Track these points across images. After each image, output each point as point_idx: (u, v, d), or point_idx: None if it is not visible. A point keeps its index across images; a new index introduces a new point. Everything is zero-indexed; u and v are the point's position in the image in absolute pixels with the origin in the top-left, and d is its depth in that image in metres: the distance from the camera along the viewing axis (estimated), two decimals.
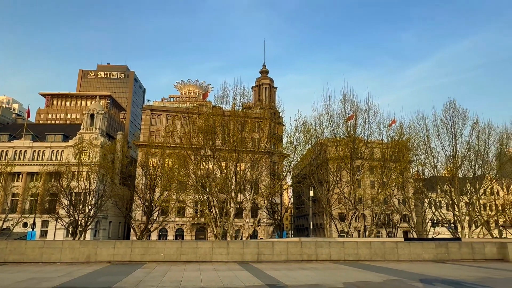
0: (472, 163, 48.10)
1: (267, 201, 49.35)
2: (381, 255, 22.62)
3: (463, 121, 47.91)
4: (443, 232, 53.44)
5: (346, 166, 46.38)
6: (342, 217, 52.29)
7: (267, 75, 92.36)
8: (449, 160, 48.23)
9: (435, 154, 48.45)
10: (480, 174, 49.20)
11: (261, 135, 47.46)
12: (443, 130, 48.40)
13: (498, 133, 49.47)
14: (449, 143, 47.89)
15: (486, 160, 48.49)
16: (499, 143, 49.33)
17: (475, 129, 48.03)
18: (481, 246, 24.02)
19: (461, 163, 47.87)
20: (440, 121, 48.83)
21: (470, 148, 47.71)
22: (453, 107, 48.66)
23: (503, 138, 49.39)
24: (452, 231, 49.93)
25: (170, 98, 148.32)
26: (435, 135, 48.69)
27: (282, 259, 21.55)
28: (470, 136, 47.94)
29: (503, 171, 54.13)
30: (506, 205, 56.25)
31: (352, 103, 46.80)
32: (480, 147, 47.70)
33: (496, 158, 50.76)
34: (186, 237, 65.74)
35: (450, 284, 12.71)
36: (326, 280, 13.35)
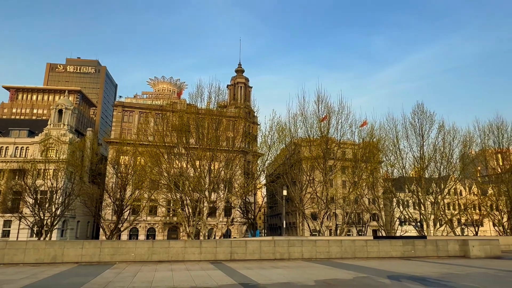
0: (437, 164, 50.27)
1: (240, 200, 49.43)
2: (351, 253, 23.18)
3: (430, 124, 50.01)
4: (410, 230, 55.48)
5: (319, 166, 47.21)
6: (314, 216, 53.19)
7: (242, 74, 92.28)
8: (416, 161, 50.14)
9: (403, 155, 50.30)
10: (444, 174, 51.47)
11: (236, 134, 47.46)
12: (412, 132, 50.33)
13: (462, 135, 52.05)
14: (417, 145, 49.86)
15: (451, 161, 50.81)
16: (463, 145, 51.84)
17: (441, 131, 50.25)
18: (444, 243, 25.10)
19: (427, 164, 49.90)
20: (409, 123, 50.75)
21: (436, 149, 49.85)
22: (421, 110, 50.68)
23: (466, 141, 51.94)
24: (418, 230, 51.96)
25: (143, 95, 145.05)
26: (404, 136, 50.54)
27: (255, 258, 21.64)
28: (436, 138, 50.13)
29: (466, 172, 56.90)
30: (468, 204, 59.13)
31: (326, 104, 47.74)
32: (445, 149, 49.94)
33: (460, 159, 53.27)
34: (158, 237, 64.64)
35: (415, 280, 13.22)
36: (298, 278, 13.54)
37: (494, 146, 55.25)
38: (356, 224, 61.11)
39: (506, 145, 54.59)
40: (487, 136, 54.49)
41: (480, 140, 54.80)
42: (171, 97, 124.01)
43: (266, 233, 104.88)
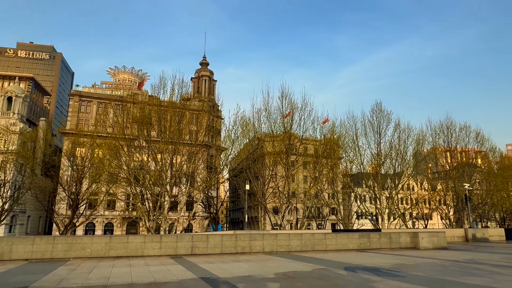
0: (393, 161, 52.83)
1: (203, 195, 49.07)
2: (311, 246, 23.82)
3: (387, 122, 52.37)
4: (366, 223, 57.96)
5: (282, 161, 47.94)
6: (276, 210, 54.01)
7: (207, 67, 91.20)
8: (374, 158, 52.37)
9: (362, 151, 52.34)
10: (399, 171, 54.23)
11: (199, 128, 46.89)
12: (370, 129, 52.44)
13: (416, 134, 55.10)
14: (375, 142, 52.06)
15: (405, 158, 53.62)
16: (416, 143, 54.86)
17: (397, 130, 52.83)
18: (397, 236, 26.50)
19: (384, 160, 52.30)
20: (368, 121, 52.82)
21: (392, 147, 52.34)
22: (379, 109, 52.90)
23: (419, 139, 55.04)
24: (374, 223, 54.42)
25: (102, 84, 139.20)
26: (363, 134, 52.57)
27: (217, 252, 21.62)
28: (393, 136, 52.65)
29: (418, 169, 60.30)
30: (419, 199, 62.76)
31: (289, 100, 48.47)
32: (400, 147, 52.59)
33: (413, 157, 56.34)
34: (116, 232, 62.66)
35: (370, 270, 13.86)
36: (259, 271, 13.72)
37: (444, 144, 59.06)
38: (316, 218, 62.88)
39: (455, 144, 58.55)
40: (438, 135, 58.21)
41: (431, 139, 58.44)
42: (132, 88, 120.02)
43: (228, 227, 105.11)
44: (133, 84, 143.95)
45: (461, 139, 58.25)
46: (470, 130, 58.63)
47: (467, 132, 58.38)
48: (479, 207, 59.28)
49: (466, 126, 58.82)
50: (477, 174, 61.57)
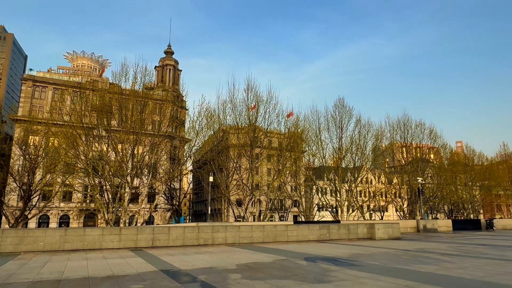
0: (353, 155, 54.74)
1: (165, 186, 48.16)
2: (272, 238, 24.22)
3: (348, 118, 54.06)
4: (326, 215, 59.79)
5: (246, 154, 48.08)
6: (239, 203, 54.24)
7: (172, 56, 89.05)
8: (335, 152, 53.94)
9: (324, 145, 53.73)
10: (359, 165, 56.31)
11: (163, 118, 45.77)
12: (332, 124, 53.90)
13: (375, 130, 57.35)
14: (337, 137, 53.60)
15: (364, 153, 55.71)
16: (375, 139, 57.16)
17: (358, 125, 54.69)
18: (355, 227, 27.60)
19: (345, 154, 54.02)
20: (330, 116, 54.22)
21: (352, 142, 54.15)
22: (341, 104, 54.43)
23: (378, 135, 57.39)
24: (333, 215, 56.27)
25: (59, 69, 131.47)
26: (326, 128, 53.93)
27: (178, 244, 21.40)
28: (354, 131, 54.46)
29: (376, 163, 62.98)
30: (377, 192, 65.63)
31: (255, 93, 48.53)
32: (360, 142, 54.54)
33: (372, 151, 58.71)
34: (73, 224, 60.12)
35: (328, 260, 14.35)
36: (221, 263, 13.76)
37: (401, 140, 62.04)
38: (279, 210, 63.92)
39: (410, 140, 61.71)
40: (395, 131, 61.02)
41: (389, 134, 61.17)
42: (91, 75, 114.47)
43: (191, 219, 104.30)
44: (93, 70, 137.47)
45: (416, 135, 61.54)
46: (424, 127, 62.05)
47: (422, 129, 61.74)
48: (430, 200, 63.08)
49: (421, 123, 62.17)
50: (429, 169, 65.38)
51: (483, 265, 13.05)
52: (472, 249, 19.38)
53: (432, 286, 9.04)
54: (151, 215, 64.42)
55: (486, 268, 12.26)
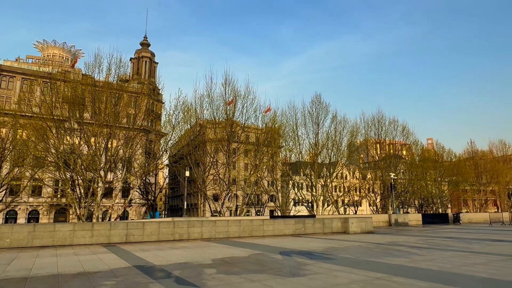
0: (329, 151, 55.65)
1: (140, 181, 47.29)
2: (249, 232, 24.32)
3: (325, 114, 54.83)
4: (302, 210, 60.63)
5: (223, 148, 47.90)
6: (216, 197, 54.08)
7: (148, 48, 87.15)
8: (311, 147, 54.67)
9: (301, 141, 54.34)
10: (334, 160, 57.32)
11: (138, 111, 44.82)
12: (309, 120, 54.52)
13: (351, 126, 58.48)
14: (313, 132, 54.29)
15: (340, 148, 56.77)
16: (350, 135, 58.30)
17: (334, 121, 55.59)
18: (330, 221, 28.12)
19: (321, 150, 54.82)
20: (307, 112, 54.82)
21: (328, 137, 55.03)
22: (318, 101, 55.11)
23: (353, 131, 58.57)
24: (309, 209, 57.09)
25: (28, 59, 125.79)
26: (303, 124, 54.50)
27: (153, 239, 21.11)
28: (330, 127, 55.32)
29: (351, 159, 64.29)
30: (351, 187, 67.11)
31: (233, 87, 48.34)
32: (336, 138, 55.49)
33: (347, 147, 59.88)
34: (43, 220, 58.11)
35: (304, 254, 14.56)
36: (196, 258, 13.68)
37: (375, 137, 63.59)
38: (256, 205, 64.25)
39: (384, 136, 63.36)
40: (370, 128, 62.47)
41: (364, 131, 62.54)
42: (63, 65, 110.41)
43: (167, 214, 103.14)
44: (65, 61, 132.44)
45: (390, 132, 63.26)
46: (397, 124, 63.86)
47: (395, 126, 63.50)
48: (402, 195, 65.14)
49: (394, 120, 63.92)
50: (401, 164, 67.43)
51: (450, 257, 13.61)
52: (440, 242, 20.18)
53: (401, 278, 9.34)
54: (126, 210, 63.18)
55: (453, 260, 12.79)
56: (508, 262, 12.24)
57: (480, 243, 19.47)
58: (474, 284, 8.62)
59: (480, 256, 14.00)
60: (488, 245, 18.14)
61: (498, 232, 27.98)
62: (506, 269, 10.84)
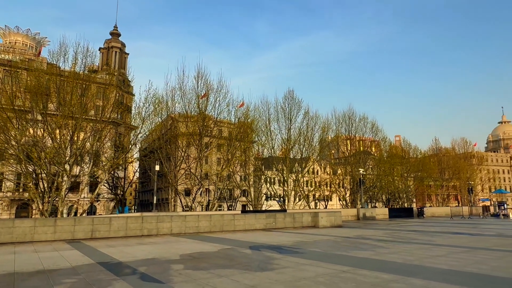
0: (301, 146, 56.30)
1: (108, 175, 45.88)
2: (219, 227, 24.17)
3: (297, 110, 55.32)
4: (274, 205, 61.12)
5: (195, 143, 47.29)
6: (187, 192, 53.45)
7: (118, 38, 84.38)
8: (284, 143, 55.06)
9: (273, 136, 54.60)
10: (306, 156, 58.08)
11: (106, 103, 43.30)
12: (282, 115, 54.84)
13: (322, 122, 59.38)
14: (286, 128, 54.67)
15: (312, 144, 57.55)
16: (322, 131, 59.24)
17: (306, 117, 56.21)
18: (300, 215, 28.46)
19: (293, 145, 55.35)
20: (280, 107, 55.10)
21: (301, 133, 55.60)
22: (291, 96, 55.50)
23: (325, 127, 59.51)
24: (280, 204, 57.63)
25: None
26: (275, 119, 54.75)
27: (121, 235, 20.54)
28: (302, 123, 55.90)
29: (322, 154, 65.38)
30: (322, 182, 68.36)
31: (205, 81, 47.72)
32: (308, 133, 56.18)
33: (319, 143, 60.82)
34: (3, 216, 55.21)
35: (273, 248, 14.61)
36: (164, 254, 13.40)
37: (345, 133, 64.93)
38: (228, 199, 64.09)
39: (354, 133, 64.79)
40: (341, 124, 63.69)
41: (335, 127, 63.67)
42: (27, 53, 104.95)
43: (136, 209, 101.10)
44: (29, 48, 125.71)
45: (360, 129, 64.79)
46: (367, 121, 65.51)
47: (365, 123, 65.11)
48: (370, 190, 67.08)
49: (364, 117, 65.50)
50: (370, 160, 69.35)
51: (413, 250, 14.09)
52: (405, 235, 20.91)
53: (367, 271, 9.54)
54: (93, 205, 61.21)
55: (416, 252, 13.25)
56: (466, 254, 12.82)
57: (442, 236, 20.34)
58: (435, 276, 8.94)
59: (442, 248, 14.60)
60: (449, 238, 18.97)
61: (458, 225, 29.39)
62: (464, 260, 11.34)
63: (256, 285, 7.98)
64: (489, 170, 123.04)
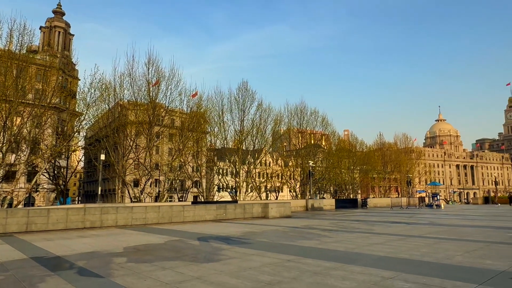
0: (254, 138, 56.63)
1: (48, 164, 42.88)
2: (168, 218, 23.68)
3: (251, 101, 55.43)
4: (225, 196, 61.09)
5: (145, 132, 45.68)
6: (136, 183, 51.63)
7: (62, 18, 78.47)
8: (237, 134, 55.03)
9: (226, 127, 54.30)
10: (258, 147, 58.61)
11: (47, 87, 40.19)
12: (235, 107, 54.65)
13: (275, 114, 60.15)
14: (239, 119, 54.61)
15: (264, 136, 58.15)
16: (274, 123, 60.03)
17: (259, 109, 56.53)
18: (250, 206, 28.77)
19: (246, 137, 55.54)
20: (234, 98, 54.84)
21: (254, 125, 55.88)
22: (245, 88, 55.44)
23: (277, 119, 60.36)
24: (232, 195, 57.78)
25: None
26: (229, 110, 54.44)
27: (60, 227, 19.33)
28: (255, 115, 56.15)
29: (274, 146, 66.44)
30: (273, 173, 69.54)
31: (157, 68, 46.08)
32: (261, 125, 56.62)
33: (271, 135, 61.64)
34: None
35: (221, 239, 14.61)
36: (106, 246, 12.83)
37: (297, 126, 66.42)
38: (179, 190, 62.93)
39: (305, 126, 66.50)
40: (293, 117, 64.97)
41: (287, 120, 64.83)
42: None
43: (81, 200, 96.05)
44: None
45: (311, 122, 66.58)
46: (318, 115, 67.47)
47: (316, 116, 66.99)
48: (319, 181, 69.53)
49: (315, 111, 67.37)
50: (320, 153, 71.74)
51: (354, 238, 14.85)
52: (348, 224, 21.98)
53: (311, 260, 9.87)
54: (31, 196, 56.99)
55: (357, 241, 13.97)
56: (402, 242, 13.77)
57: (382, 225, 21.67)
58: (372, 262, 9.48)
59: (380, 236, 15.54)
60: (387, 227, 20.26)
61: (397, 215, 31.51)
62: (400, 247, 12.17)
63: (201, 276, 7.92)
64: (426, 164, 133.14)
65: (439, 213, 34.52)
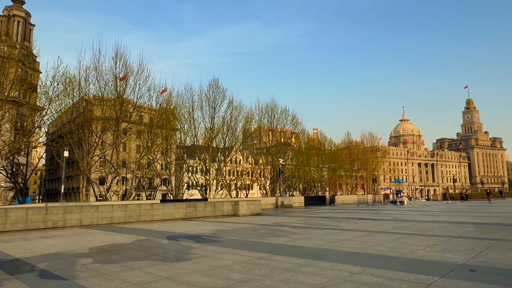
0: (224, 135, 56.34)
1: (6, 161, 40.55)
2: (136, 217, 23.09)
3: (222, 98, 55.09)
4: (195, 194, 60.42)
5: (112, 128, 44.22)
6: (102, 181, 49.89)
7: (22, 6, 74.26)
8: (207, 131, 54.52)
9: (197, 124, 53.68)
10: (229, 145, 58.41)
11: (5, 79, 37.90)
12: (206, 104, 54.13)
13: (246, 112, 60.17)
14: (209, 116, 54.15)
15: (235, 134, 58.00)
16: (245, 121, 60.03)
17: (230, 106, 56.30)
18: (221, 204, 28.63)
19: (216, 134, 55.14)
20: (204, 95, 54.29)
21: (224, 122, 55.59)
22: (216, 85, 55.02)
23: (248, 117, 60.43)
24: (202, 193, 57.24)
25: None
26: (199, 107, 53.83)
27: (19, 228, 18.35)
28: (226, 112, 55.86)
29: (245, 144, 66.48)
30: (244, 171, 69.61)
31: (125, 62, 44.70)
32: (231, 123, 56.41)
33: (242, 133, 61.60)
34: None
35: (191, 238, 14.44)
36: (70, 247, 12.31)
37: (268, 124, 66.83)
38: (147, 188, 61.49)
39: (276, 124, 67.04)
40: (264, 115, 65.30)
41: (258, 118, 65.06)
42: None
43: (42, 199, 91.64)
44: None
45: (281, 120, 67.17)
46: (288, 114, 68.19)
47: (286, 115, 67.67)
48: (289, 179, 70.37)
49: (286, 110, 68.06)
50: (290, 151, 72.59)
51: (323, 235, 15.16)
52: (317, 221, 22.41)
53: (281, 257, 9.96)
54: None
55: (326, 238, 14.27)
56: (369, 237, 14.22)
57: (349, 221, 22.28)
58: (341, 258, 9.72)
59: (348, 232, 15.96)
60: (354, 223, 20.85)
61: (363, 212, 32.52)
62: (366, 243, 12.56)
63: (171, 276, 7.78)
64: (390, 162, 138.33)
65: (402, 210, 35.98)
